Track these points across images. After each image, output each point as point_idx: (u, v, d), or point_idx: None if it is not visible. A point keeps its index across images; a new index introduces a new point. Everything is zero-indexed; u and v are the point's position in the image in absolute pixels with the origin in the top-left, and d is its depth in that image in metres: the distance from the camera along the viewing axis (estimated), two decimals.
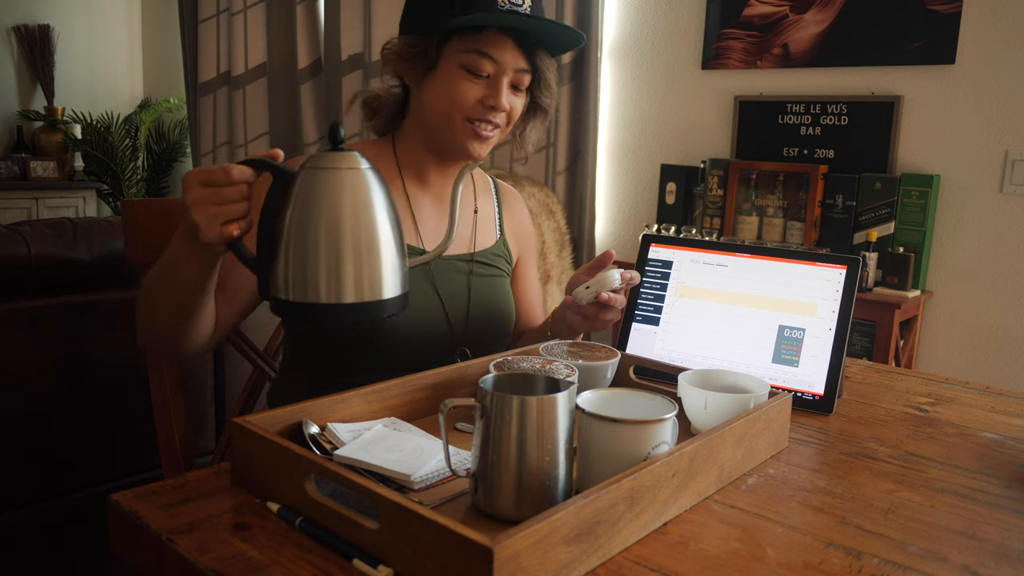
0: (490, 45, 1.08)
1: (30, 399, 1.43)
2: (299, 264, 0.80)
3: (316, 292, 0.80)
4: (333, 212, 0.79)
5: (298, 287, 0.80)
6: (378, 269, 0.81)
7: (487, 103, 1.09)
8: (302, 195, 0.80)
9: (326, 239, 0.79)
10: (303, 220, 0.79)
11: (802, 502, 0.79)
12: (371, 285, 0.81)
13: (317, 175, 0.80)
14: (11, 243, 1.41)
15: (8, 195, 4.16)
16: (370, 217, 0.81)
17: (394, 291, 0.83)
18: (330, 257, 0.79)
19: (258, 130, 4.01)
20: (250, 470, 0.75)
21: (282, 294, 0.81)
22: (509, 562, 0.56)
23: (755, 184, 2.63)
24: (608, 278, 1.06)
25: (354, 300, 0.80)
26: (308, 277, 0.79)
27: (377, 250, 0.81)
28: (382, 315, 0.82)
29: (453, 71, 1.09)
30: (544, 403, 0.70)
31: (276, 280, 0.81)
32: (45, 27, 4.45)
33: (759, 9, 2.67)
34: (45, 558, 1.48)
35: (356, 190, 0.80)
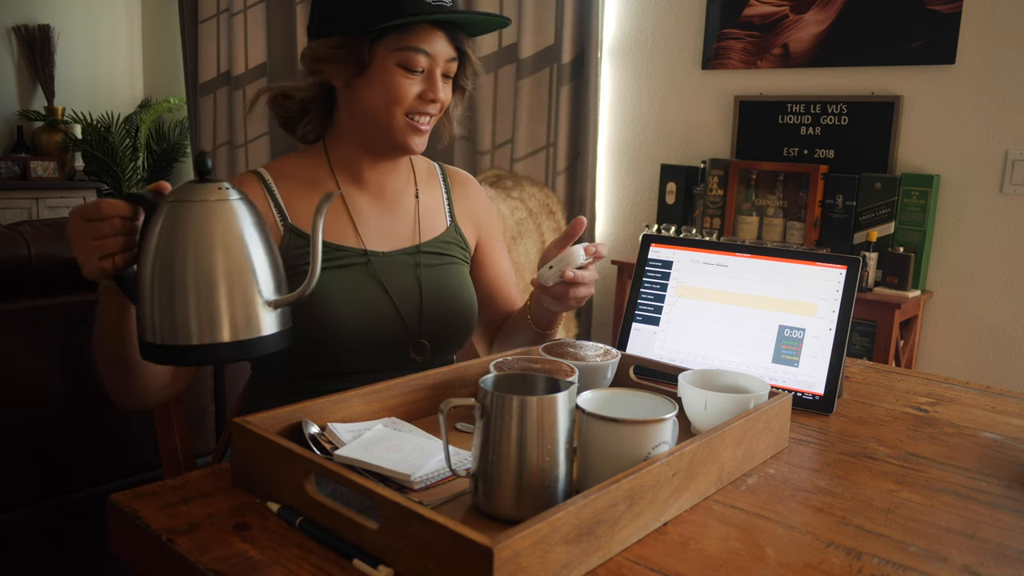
0: (423, 40, 1.07)
1: (30, 399, 1.42)
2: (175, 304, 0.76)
3: (189, 332, 0.76)
4: (193, 247, 0.76)
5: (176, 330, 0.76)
6: (254, 304, 0.78)
7: (427, 97, 1.10)
8: (164, 230, 0.77)
9: (187, 275, 0.76)
10: (164, 257, 0.76)
11: (802, 502, 0.79)
12: (248, 321, 0.77)
13: (179, 209, 0.77)
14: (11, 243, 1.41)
15: (8, 195, 4.16)
16: (244, 251, 0.77)
17: (273, 327, 0.79)
18: (204, 294, 0.76)
19: (258, 130, 4.01)
20: (250, 470, 0.75)
21: (158, 338, 0.77)
22: (509, 562, 0.56)
23: (755, 184, 2.63)
24: (572, 255, 1.02)
25: (231, 339, 0.77)
26: (183, 318, 0.76)
27: (253, 285, 0.77)
28: (265, 351, 0.79)
29: (389, 70, 1.07)
30: (544, 403, 0.70)
31: (150, 324, 0.78)
32: (45, 27, 4.45)
33: (759, 9, 2.67)
34: (45, 558, 1.48)
35: (227, 222, 0.77)
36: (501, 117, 3.17)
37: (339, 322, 1.08)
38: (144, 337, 0.79)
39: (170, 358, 0.78)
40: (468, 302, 1.22)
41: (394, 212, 1.21)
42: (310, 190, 1.15)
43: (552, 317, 1.18)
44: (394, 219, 1.20)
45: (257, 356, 0.79)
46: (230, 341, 0.77)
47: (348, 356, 1.11)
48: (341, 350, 1.10)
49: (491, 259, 1.33)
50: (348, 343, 1.09)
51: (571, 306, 1.08)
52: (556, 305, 1.09)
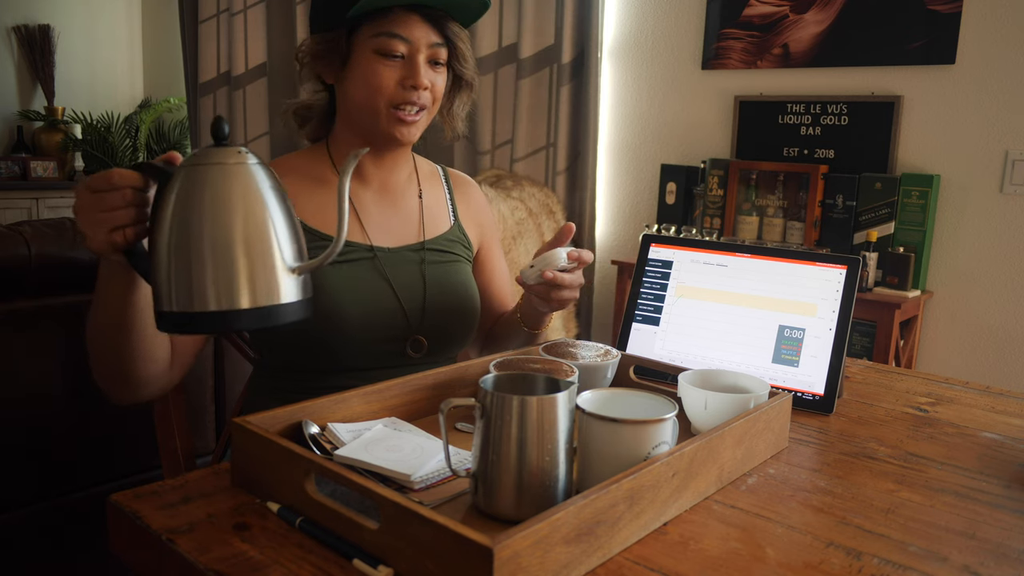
0: (398, 25, 1.07)
1: (30, 399, 1.42)
2: (191, 271, 0.73)
3: (207, 299, 0.73)
4: (211, 210, 0.73)
5: (193, 297, 0.73)
6: (274, 271, 0.75)
7: (407, 84, 1.08)
8: (180, 195, 0.74)
9: (217, 241, 0.73)
10: (189, 223, 0.73)
11: (802, 502, 0.79)
12: (268, 288, 0.75)
13: (195, 172, 0.74)
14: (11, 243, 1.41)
15: (8, 195, 4.16)
16: (263, 215, 0.75)
17: (292, 295, 0.76)
18: (222, 260, 0.73)
19: (258, 130, 4.01)
20: (250, 470, 0.75)
21: (175, 306, 0.74)
22: (509, 562, 0.56)
23: (755, 184, 2.63)
24: (553, 257, 1.04)
25: (250, 305, 0.74)
26: (200, 284, 0.73)
27: (272, 251, 0.75)
28: (284, 320, 0.76)
29: (367, 58, 1.07)
30: (544, 403, 0.70)
31: (166, 293, 0.75)
32: (45, 27, 4.45)
33: (759, 9, 2.67)
34: (45, 558, 1.48)
35: (245, 185, 0.74)
36: (501, 117, 3.17)
37: (342, 315, 1.09)
38: (160, 307, 0.75)
39: (188, 326, 0.75)
40: (471, 301, 1.22)
41: (398, 209, 1.21)
42: (315, 186, 1.15)
43: (540, 317, 1.18)
44: (398, 216, 1.21)
45: (277, 324, 0.76)
46: (250, 307, 0.74)
47: (348, 351, 1.11)
48: (342, 344, 1.10)
49: (489, 262, 1.34)
50: (350, 337, 1.09)
51: (554, 307, 1.09)
52: (541, 304, 1.10)
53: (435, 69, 1.12)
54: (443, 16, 1.10)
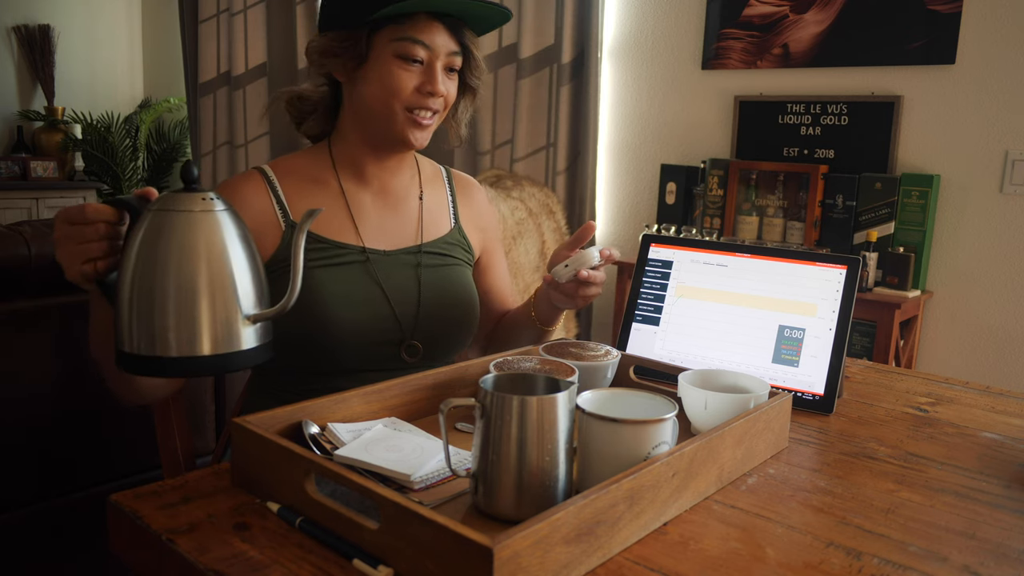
0: (421, 31, 1.07)
1: (30, 399, 1.42)
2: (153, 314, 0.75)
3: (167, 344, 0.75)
4: (175, 257, 0.75)
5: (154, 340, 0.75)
6: (234, 318, 0.77)
7: (424, 90, 1.08)
8: (146, 238, 0.76)
9: (166, 286, 0.75)
10: (144, 265, 0.76)
11: (802, 502, 0.79)
12: (228, 335, 0.77)
13: (161, 217, 0.76)
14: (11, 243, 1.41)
15: (8, 195, 4.16)
16: (227, 263, 0.77)
17: (254, 341, 0.79)
18: (163, 306, 0.75)
19: (258, 130, 4.01)
20: (250, 470, 0.75)
21: (134, 348, 0.76)
22: (509, 562, 0.56)
23: (755, 184, 2.63)
24: (587, 256, 1.07)
25: (211, 352, 0.76)
26: (161, 328, 0.75)
27: (234, 298, 0.77)
28: (245, 365, 0.78)
29: (387, 61, 1.07)
30: (544, 403, 0.70)
31: (127, 334, 0.77)
32: (45, 27, 4.45)
33: (759, 9, 2.67)
34: (45, 558, 1.48)
35: (211, 233, 0.76)
36: (501, 117, 3.17)
37: (334, 319, 1.08)
38: (121, 347, 0.78)
39: (147, 369, 0.77)
40: (468, 304, 1.21)
41: (397, 211, 1.21)
42: (313, 187, 1.15)
43: (555, 314, 1.20)
44: (396, 218, 1.20)
45: (235, 369, 0.78)
46: (209, 355, 0.76)
47: (342, 353, 1.11)
48: (336, 347, 1.10)
49: (492, 265, 1.34)
50: (342, 340, 1.09)
51: (579, 304, 1.11)
52: (565, 302, 1.12)
53: (449, 76, 1.12)
54: (462, 25, 1.11)
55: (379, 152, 1.16)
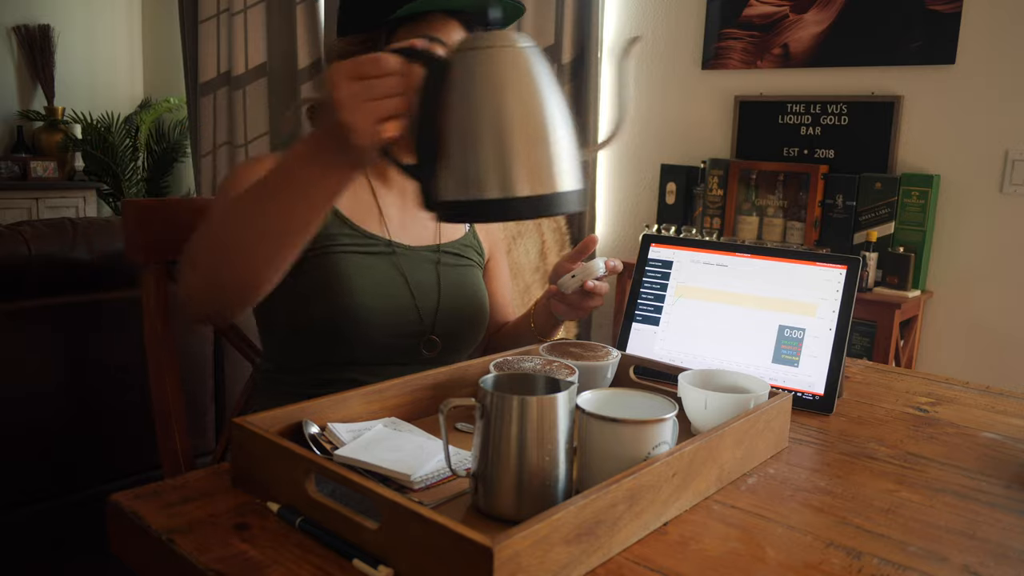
0: (438, 29, 1.07)
1: (30, 399, 1.42)
2: (469, 159, 0.71)
3: (485, 186, 0.71)
4: (502, 95, 0.71)
5: (470, 184, 0.72)
6: (555, 157, 0.73)
7: None
8: (463, 81, 0.72)
9: (497, 126, 0.71)
10: (468, 108, 0.72)
11: (802, 502, 0.79)
12: (549, 175, 0.72)
13: (477, 57, 0.72)
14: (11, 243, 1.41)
15: (8, 195, 4.16)
16: (543, 99, 0.73)
17: (573, 184, 0.74)
18: (502, 145, 0.71)
19: (258, 130, 4.01)
20: (250, 470, 0.75)
21: (451, 195, 0.73)
22: (509, 562, 0.56)
23: (755, 184, 2.63)
24: (592, 267, 1.09)
25: (530, 192, 0.72)
26: (479, 171, 0.71)
27: (553, 136, 0.73)
28: (563, 209, 0.74)
29: None
30: (544, 403, 0.70)
31: (441, 182, 0.73)
32: (45, 27, 4.45)
33: (759, 9, 2.67)
34: (45, 558, 1.48)
35: (524, 69, 0.72)
36: None
37: (360, 306, 1.09)
38: (439, 197, 0.74)
39: (471, 213, 0.74)
40: (482, 305, 1.24)
41: (417, 212, 1.22)
42: None
43: (555, 325, 1.23)
44: (417, 218, 1.22)
45: (556, 212, 0.74)
46: (531, 195, 0.72)
47: (363, 343, 1.11)
48: (358, 336, 1.10)
49: (496, 274, 1.36)
50: (366, 330, 1.10)
51: (581, 315, 1.14)
52: (568, 313, 1.15)
53: None
54: (477, 23, 1.11)
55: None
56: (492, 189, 0.71)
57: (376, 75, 0.72)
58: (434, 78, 0.73)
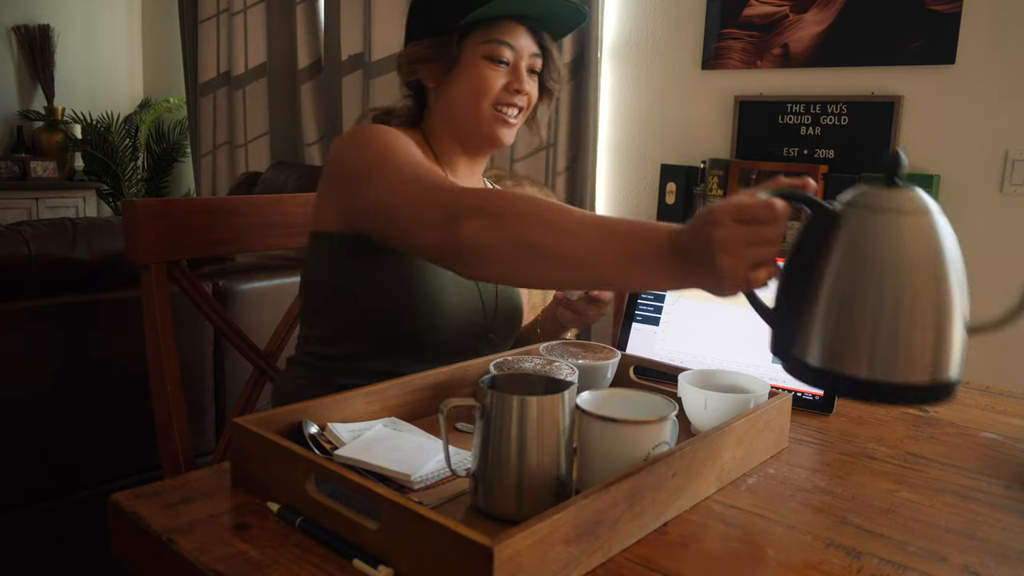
0: (506, 33, 1.14)
1: (30, 399, 1.43)
2: (843, 328, 0.65)
3: (856, 363, 0.65)
4: (900, 272, 0.64)
5: (838, 356, 0.66)
6: (945, 344, 0.66)
7: (511, 88, 1.15)
8: (855, 243, 0.65)
9: (887, 303, 0.64)
10: (854, 274, 0.65)
11: (802, 502, 0.79)
12: (935, 365, 0.65)
13: (878, 220, 0.65)
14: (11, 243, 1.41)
15: (8, 195, 4.16)
16: (946, 279, 0.66)
17: (956, 374, 0.68)
18: (889, 325, 0.64)
19: (258, 130, 4.01)
20: (250, 470, 0.75)
21: (814, 360, 0.67)
22: (509, 562, 0.56)
23: (755, 184, 2.63)
24: None
25: (906, 380, 0.65)
26: (854, 346, 0.65)
27: (947, 320, 0.66)
28: (940, 401, 0.68)
29: (476, 63, 1.14)
30: (544, 403, 0.70)
31: (803, 341, 0.68)
32: (45, 27, 4.45)
33: (759, 9, 2.67)
34: (45, 558, 1.48)
35: (932, 244, 0.65)
36: None
37: (442, 305, 1.11)
38: (801, 355, 0.68)
39: (837, 387, 0.67)
40: (522, 304, 1.28)
41: None
42: None
43: (561, 332, 1.25)
44: None
45: (931, 403, 0.68)
46: (908, 383, 0.65)
47: (432, 340, 1.12)
48: (432, 332, 1.11)
49: None
50: (442, 326, 1.12)
51: (587, 322, 1.17)
52: (573, 320, 1.18)
53: (531, 77, 1.19)
54: (542, 28, 1.18)
55: (469, 153, 1.22)
56: (861, 367, 0.65)
57: (764, 221, 0.68)
58: (818, 230, 0.68)
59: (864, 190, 0.68)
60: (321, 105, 3.73)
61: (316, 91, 3.74)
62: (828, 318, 0.66)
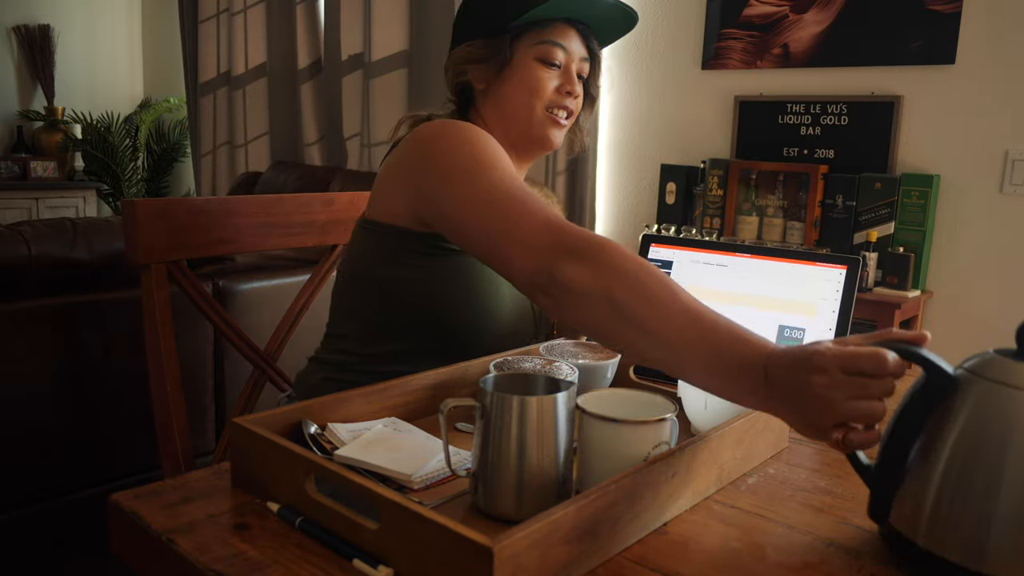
0: (559, 36, 1.15)
1: (30, 399, 1.43)
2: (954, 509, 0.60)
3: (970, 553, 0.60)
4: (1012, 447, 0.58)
5: (941, 538, 0.61)
6: None
7: (563, 90, 1.16)
8: (978, 417, 0.61)
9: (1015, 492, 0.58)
10: (979, 452, 0.60)
11: (802, 502, 0.79)
12: None
13: (1011, 396, 0.60)
14: (11, 243, 1.41)
15: (8, 195, 4.16)
16: None
17: None
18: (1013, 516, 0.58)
19: (258, 130, 4.01)
20: (250, 470, 0.75)
21: (912, 534, 0.63)
22: (509, 562, 0.56)
23: (755, 184, 2.63)
24: None
25: None
26: (964, 530, 0.60)
27: None
28: None
29: (529, 64, 1.14)
30: (544, 403, 0.70)
31: (907, 514, 0.64)
32: (45, 27, 4.45)
33: (759, 9, 2.67)
34: (45, 558, 1.48)
35: None
36: None
37: (497, 310, 1.12)
38: (902, 528, 0.64)
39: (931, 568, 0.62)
40: None
41: None
42: None
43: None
44: None
45: None
46: None
47: (480, 344, 1.11)
48: (484, 336, 1.12)
49: None
50: (495, 330, 1.12)
51: None
52: None
53: (579, 82, 1.19)
54: (591, 34, 1.19)
55: (519, 152, 1.21)
56: (971, 557, 0.60)
57: (874, 374, 0.63)
58: (932, 393, 0.64)
59: (991, 359, 0.63)
60: (321, 105, 3.73)
61: (316, 91, 3.74)
62: (936, 495, 0.61)
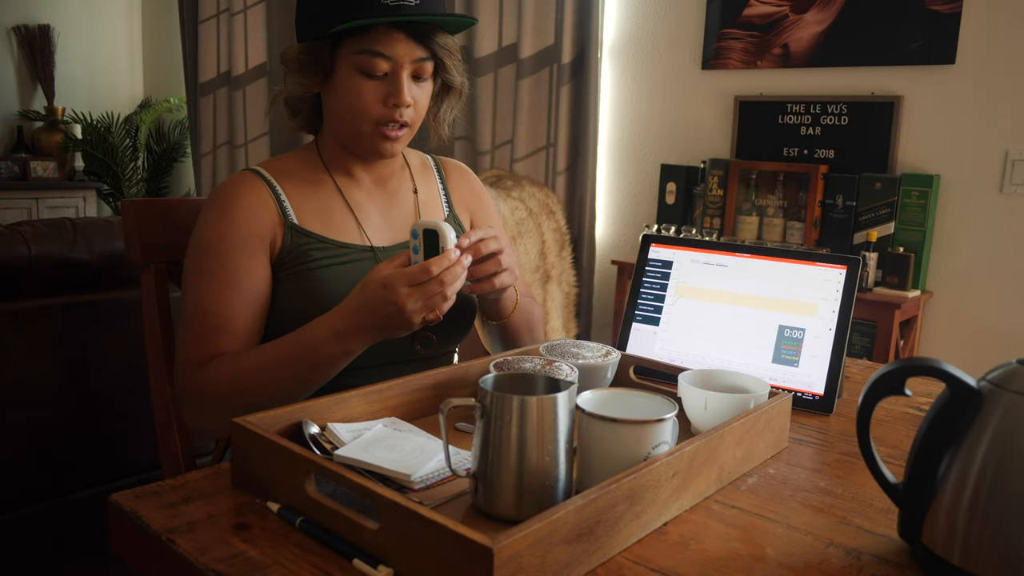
0: (381, 43, 1.04)
1: (30, 399, 1.42)
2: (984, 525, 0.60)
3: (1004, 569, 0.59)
4: None
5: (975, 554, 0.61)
6: None
7: (390, 102, 1.06)
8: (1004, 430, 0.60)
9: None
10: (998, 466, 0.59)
11: (802, 502, 0.79)
12: None
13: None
14: (11, 243, 1.41)
15: (8, 195, 4.16)
16: None
17: None
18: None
19: (258, 130, 4.01)
20: (250, 470, 0.75)
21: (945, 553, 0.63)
22: (509, 562, 0.56)
23: (755, 184, 2.63)
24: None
25: None
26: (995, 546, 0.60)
27: None
28: None
29: (350, 76, 1.06)
30: (544, 403, 0.70)
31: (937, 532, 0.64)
32: (45, 27, 4.45)
33: (759, 9, 2.67)
34: (45, 558, 1.48)
35: None
36: (501, 117, 3.17)
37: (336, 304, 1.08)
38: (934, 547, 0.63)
39: None
40: (467, 295, 1.17)
41: (393, 205, 1.21)
42: (310, 188, 1.15)
43: (497, 306, 1.13)
44: (394, 212, 1.20)
45: None
46: None
47: None
48: None
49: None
50: None
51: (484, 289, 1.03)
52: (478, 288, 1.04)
53: (418, 84, 1.10)
54: (429, 29, 1.07)
55: (361, 157, 1.16)
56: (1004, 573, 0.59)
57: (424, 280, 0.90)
58: (957, 408, 0.64)
59: (1015, 370, 0.62)
60: None
61: None
62: (968, 511, 0.61)
